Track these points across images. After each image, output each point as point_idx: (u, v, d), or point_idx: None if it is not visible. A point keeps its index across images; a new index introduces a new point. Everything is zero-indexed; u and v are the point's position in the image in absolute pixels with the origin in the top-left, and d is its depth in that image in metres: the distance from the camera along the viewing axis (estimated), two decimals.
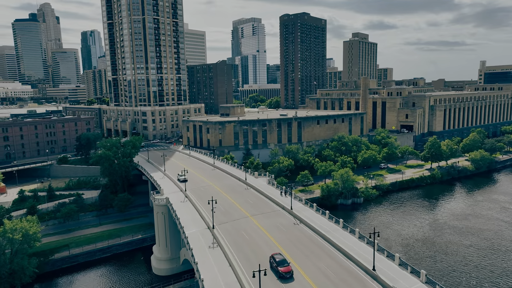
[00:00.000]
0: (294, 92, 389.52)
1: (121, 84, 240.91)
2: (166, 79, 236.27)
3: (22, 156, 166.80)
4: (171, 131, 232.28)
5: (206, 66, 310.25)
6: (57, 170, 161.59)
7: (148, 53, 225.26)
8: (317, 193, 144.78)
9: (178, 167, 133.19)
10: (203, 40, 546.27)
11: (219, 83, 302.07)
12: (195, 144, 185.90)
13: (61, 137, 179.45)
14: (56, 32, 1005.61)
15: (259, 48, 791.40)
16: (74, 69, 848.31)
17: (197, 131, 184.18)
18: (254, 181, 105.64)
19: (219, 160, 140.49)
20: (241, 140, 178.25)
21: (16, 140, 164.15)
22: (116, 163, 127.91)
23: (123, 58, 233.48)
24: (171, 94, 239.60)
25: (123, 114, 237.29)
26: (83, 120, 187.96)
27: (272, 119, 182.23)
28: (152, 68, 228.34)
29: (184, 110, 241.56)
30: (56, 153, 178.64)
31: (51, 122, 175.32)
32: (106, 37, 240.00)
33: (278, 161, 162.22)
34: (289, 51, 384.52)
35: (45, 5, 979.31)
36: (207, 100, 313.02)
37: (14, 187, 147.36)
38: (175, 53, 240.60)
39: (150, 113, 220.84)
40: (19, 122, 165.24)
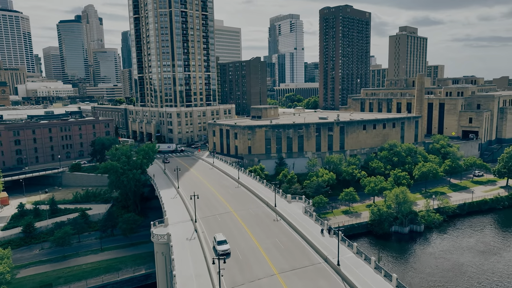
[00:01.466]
0: (334, 91, 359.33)
1: (146, 83, 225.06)
2: (194, 77, 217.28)
3: (35, 162, 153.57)
4: (197, 135, 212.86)
5: (239, 64, 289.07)
6: (69, 178, 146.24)
7: (175, 50, 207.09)
8: (364, 216, 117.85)
9: (195, 182, 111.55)
10: (238, 37, 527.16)
11: (253, 81, 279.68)
12: (221, 151, 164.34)
13: (77, 140, 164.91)
14: (98, 33, 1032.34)
15: (296, 45, 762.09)
16: (113, 69, 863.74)
17: (223, 136, 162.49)
18: (286, 208, 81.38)
19: (246, 174, 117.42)
20: (273, 147, 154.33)
21: (28, 144, 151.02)
22: (124, 176, 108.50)
23: (148, 55, 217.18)
24: (199, 94, 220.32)
25: (148, 115, 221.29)
26: (102, 122, 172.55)
27: (310, 124, 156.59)
28: (179, 65, 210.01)
29: (213, 111, 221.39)
30: (72, 158, 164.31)
31: (66, 125, 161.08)
32: (133, 33, 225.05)
33: (316, 173, 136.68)
34: (329, 47, 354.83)
35: (89, 7, 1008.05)
36: (239, 100, 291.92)
37: (20, 197, 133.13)
38: (204, 49, 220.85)
39: (176, 114, 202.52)
40: (32, 124, 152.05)
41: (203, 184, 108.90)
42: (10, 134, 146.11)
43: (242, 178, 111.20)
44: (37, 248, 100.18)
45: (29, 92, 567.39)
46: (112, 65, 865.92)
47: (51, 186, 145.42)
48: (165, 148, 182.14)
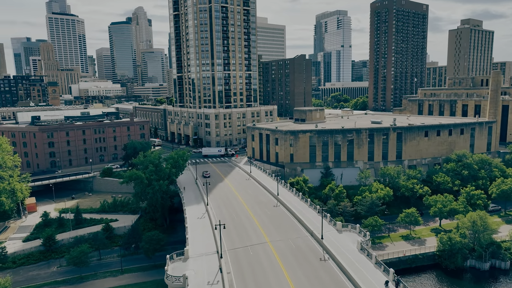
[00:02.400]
0: (385, 91, 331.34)
1: (185, 83, 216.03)
2: (234, 76, 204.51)
3: (68, 165, 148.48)
4: (236, 138, 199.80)
5: (282, 62, 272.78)
6: (100, 183, 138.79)
7: (214, 47, 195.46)
8: (430, 243, 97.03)
9: (228, 196, 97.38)
10: (282, 35, 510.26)
11: (297, 81, 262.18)
12: (260, 157, 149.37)
13: (111, 143, 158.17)
14: (147, 34, 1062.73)
15: (344, 43, 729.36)
16: (160, 69, 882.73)
17: (263, 141, 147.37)
18: (335, 241, 64.44)
19: (286, 188, 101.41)
20: (318, 155, 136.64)
21: (62, 146, 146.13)
22: (150, 188, 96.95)
23: (187, 54, 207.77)
24: (239, 95, 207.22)
25: (186, 117, 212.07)
26: (137, 124, 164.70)
27: (362, 129, 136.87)
28: (218, 64, 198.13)
29: (253, 112, 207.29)
30: (105, 161, 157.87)
31: (100, 127, 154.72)
32: (172, 31, 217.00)
33: (369, 188, 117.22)
34: (380, 43, 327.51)
35: (139, 9, 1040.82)
36: (282, 101, 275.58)
37: (49, 202, 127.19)
38: (245, 46, 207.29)
39: (214, 116, 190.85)
40: (65, 126, 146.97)
41: (237, 199, 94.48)
42: (44, 136, 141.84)
43: (282, 193, 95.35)
44: (56, 265, 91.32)
45: (81, 92, 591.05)
46: (159, 65, 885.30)
47: (82, 191, 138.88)
48: (215, 152, 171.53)
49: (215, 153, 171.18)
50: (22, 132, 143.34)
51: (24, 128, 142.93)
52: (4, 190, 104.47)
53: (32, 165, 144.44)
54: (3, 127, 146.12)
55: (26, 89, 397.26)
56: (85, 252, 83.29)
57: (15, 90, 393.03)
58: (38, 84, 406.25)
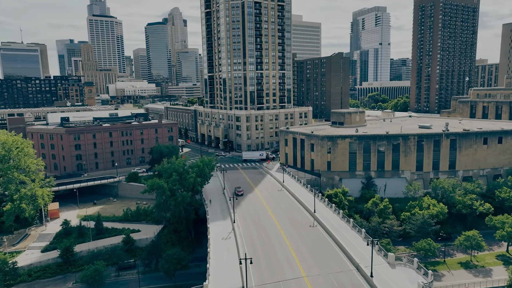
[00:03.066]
0: (430, 91, 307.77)
1: (216, 83, 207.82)
2: (266, 76, 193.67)
3: (95, 168, 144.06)
4: (268, 141, 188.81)
5: (318, 61, 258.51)
6: (125, 189, 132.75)
7: (247, 45, 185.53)
8: (497, 274, 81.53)
9: (258, 212, 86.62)
10: (318, 33, 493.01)
11: (333, 80, 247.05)
12: (294, 164, 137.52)
13: (138, 146, 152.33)
14: (182, 34, 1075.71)
15: (382, 40, 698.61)
16: (194, 68, 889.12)
17: (297, 146, 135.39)
18: (389, 281, 51.88)
19: (324, 203, 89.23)
20: (359, 163, 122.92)
21: (88, 149, 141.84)
22: (172, 199, 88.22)
23: (219, 53, 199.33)
24: (271, 95, 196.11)
25: (216, 118, 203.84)
26: (165, 126, 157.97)
27: (410, 135, 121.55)
28: (251, 63, 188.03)
29: (287, 114, 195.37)
30: (132, 165, 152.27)
31: (128, 129, 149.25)
32: (203, 29, 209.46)
33: (419, 203, 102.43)
34: (424, 39, 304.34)
35: (175, 10, 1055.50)
36: (317, 102, 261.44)
37: (73, 208, 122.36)
38: (280, 44, 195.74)
39: (245, 118, 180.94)
40: (92, 128, 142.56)
41: (267, 216, 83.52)
42: (70, 138, 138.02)
43: (319, 210, 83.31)
44: (72, 280, 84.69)
45: (118, 91, 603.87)
46: (193, 65, 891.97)
47: (107, 196, 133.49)
48: (257, 156, 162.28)
49: (257, 157, 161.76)
50: (50, 134, 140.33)
51: (51, 129, 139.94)
52: (25, 195, 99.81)
53: (59, 168, 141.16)
54: (32, 128, 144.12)
55: (65, 89, 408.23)
56: (99, 271, 75.59)
57: (54, 90, 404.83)
58: (76, 84, 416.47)
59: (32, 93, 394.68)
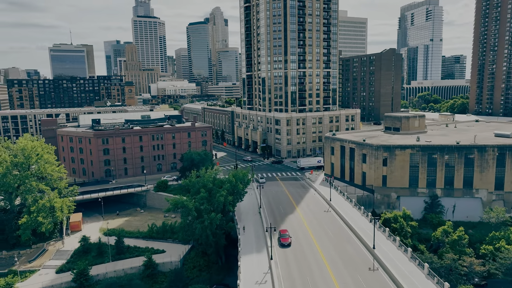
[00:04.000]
0: (493, 91, 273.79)
1: (255, 83, 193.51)
2: (310, 75, 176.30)
3: (124, 174, 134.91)
4: (311, 148, 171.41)
5: (366, 58, 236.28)
6: (153, 198, 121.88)
7: (288, 41, 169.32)
8: None
9: (301, 242, 70.56)
10: (363, 29, 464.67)
11: (383, 79, 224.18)
12: (341, 176, 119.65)
13: (170, 151, 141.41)
14: (223, 33, 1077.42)
15: (433, 36, 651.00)
16: (234, 68, 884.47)
17: (346, 156, 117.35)
18: None
19: (385, 234, 71.34)
20: (422, 179, 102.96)
21: (117, 153, 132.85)
22: (198, 222, 74.61)
23: (258, 50, 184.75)
24: (315, 96, 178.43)
25: (254, 120, 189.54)
26: (198, 129, 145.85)
27: (488, 146, 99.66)
28: (292, 61, 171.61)
29: (332, 117, 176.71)
30: (163, 171, 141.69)
31: (159, 133, 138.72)
32: (242, 25, 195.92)
33: (505, 234, 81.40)
34: (489, 33, 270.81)
35: (216, 9, 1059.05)
36: (364, 103, 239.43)
37: (97, 219, 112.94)
38: (325, 40, 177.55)
39: (285, 121, 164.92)
40: (121, 131, 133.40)
41: (313, 248, 67.34)
42: (99, 142, 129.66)
43: (380, 245, 65.73)
44: None
45: (159, 91, 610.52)
46: (233, 64, 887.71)
47: (135, 205, 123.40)
48: (314, 163, 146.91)
49: (314, 164, 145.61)
50: (79, 137, 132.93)
51: (80, 132, 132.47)
52: (44, 207, 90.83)
53: (87, 173, 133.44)
54: (62, 130, 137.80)
55: (107, 88, 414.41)
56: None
57: (97, 89, 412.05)
58: (118, 83, 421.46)
59: (76, 92, 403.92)
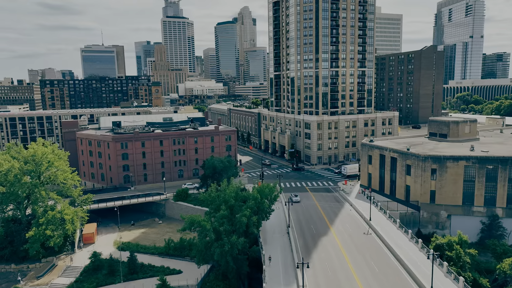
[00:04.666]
0: None
1: (283, 83, 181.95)
2: (343, 75, 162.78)
3: (143, 180, 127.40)
4: (344, 154, 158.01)
5: (404, 56, 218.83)
6: (173, 208, 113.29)
7: (320, 38, 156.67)
8: None
9: (338, 277, 58.63)
10: (398, 26, 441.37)
11: (423, 79, 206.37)
12: (380, 189, 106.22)
13: (192, 156, 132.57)
14: (251, 33, 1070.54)
15: (473, 33, 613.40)
16: (261, 67, 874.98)
17: (386, 166, 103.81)
18: None
19: (442, 270, 58.21)
20: (478, 196, 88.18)
21: (137, 159, 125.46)
22: (217, 245, 64.36)
23: (287, 48, 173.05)
24: (348, 98, 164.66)
25: (282, 123, 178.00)
26: (222, 133, 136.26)
27: None
28: (324, 59, 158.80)
29: (367, 121, 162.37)
30: (185, 177, 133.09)
31: (180, 136, 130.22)
32: (271, 22, 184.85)
33: None
34: None
35: (244, 9, 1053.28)
36: (401, 104, 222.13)
37: (113, 229, 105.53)
38: (360, 36, 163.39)
39: (316, 124, 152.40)
40: (141, 135, 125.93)
41: (352, 282, 55.31)
42: (117, 146, 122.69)
43: (438, 283, 52.86)
44: None
45: (187, 91, 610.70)
46: (260, 64, 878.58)
47: (153, 215, 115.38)
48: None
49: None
50: (97, 141, 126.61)
51: (99, 136, 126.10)
52: (54, 219, 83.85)
53: (106, 179, 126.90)
54: (81, 133, 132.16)
55: (135, 88, 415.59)
56: None
57: (125, 89, 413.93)
58: (146, 84, 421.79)
59: (105, 92, 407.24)
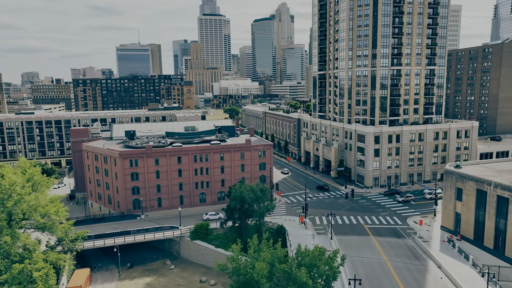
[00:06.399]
0: None
1: (329, 85, 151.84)
2: (406, 74, 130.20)
3: (157, 206, 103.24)
4: (408, 173, 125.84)
5: (477, 51, 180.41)
6: (189, 248, 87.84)
7: (379, 29, 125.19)
8: None
9: None
10: (456, 19, 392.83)
11: (504, 79, 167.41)
12: (475, 238, 74.49)
13: (217, 176, 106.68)
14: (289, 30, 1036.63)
15: None
16: (299, 65, 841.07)
17: (488, 208, 71.80)
18: None
19: None
20: None
21: (149, 179, 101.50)
22: None
23: (335, 43, 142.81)
24: (412, 103, 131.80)
25: (328, 133, 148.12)
26: (254, 148, 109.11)
27: None
28: (384, 55, 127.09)
29: (438, 133, 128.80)
30: (208, 203, 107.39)
31: (202, 152, 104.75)
32: (316, 11, 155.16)
33: None
34: None
35: (282, 5, 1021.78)
36: (471, 110, 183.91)
37: (112, 275, 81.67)
38: (429, 26, 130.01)
39: (373, 137, 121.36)
40: (154, 150, 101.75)
41: None
42: (125, 164, 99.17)
43: None
44: None
45: (221, 90, 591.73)
46: (298, 62, 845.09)
47: (164, 254, 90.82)
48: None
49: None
50: (104, 156, 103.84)
51: (105, 150, 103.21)
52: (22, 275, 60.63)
53: (113, 202, 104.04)
54: (88, 145, 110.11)
55: (167, 88, 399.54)
56: None
57: (158, 89, 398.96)
58: (178, 83, 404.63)
59: (137, 92, 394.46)
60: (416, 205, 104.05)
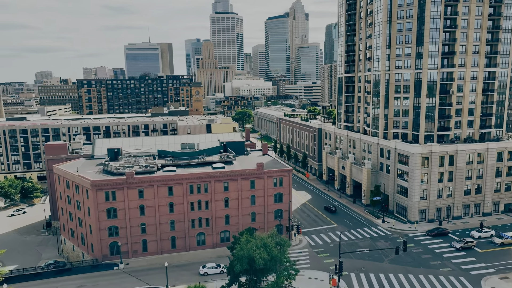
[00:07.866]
0: None
1: (358, 90, 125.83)
2: (460, 78, 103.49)
3: (141, 250, 78.81)
4: (463, 204, 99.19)
5: None
6: None
7: (426, 24, 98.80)
8: None
9: None
10: None
11: None
12: None
13: (220, 211, 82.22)
14: (303, 29, 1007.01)
15: None
16: (314, 65, 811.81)
17: None
18: None
19: None
20: None
21: (132, 216, 77.80)
22: None
23: (367, 39, 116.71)
24: (466, 114, 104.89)
25: (357, 149, 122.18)
26: (268, 176, 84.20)
27: None
28: (432, 54, 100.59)
29: (502, 152, 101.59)
30: (208, 245, 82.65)
31: (200, 180, 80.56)
32: (343, 2, 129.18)
33: None
34: None
35: (297, 3, 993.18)
36: None
37: None
38: (490, 17, 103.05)
39: (419, 158, 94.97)
40: (138, 179, 77.82)
41: None
42: (100, 198, 75.73)
43: None
44: None
45: (233, 90, 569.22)
46: (313, 61, 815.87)
47: None
48: None
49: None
50: (76, 185, 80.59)
51: (76, 177, 79.84)
52: None
53: (86, 244, 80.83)
54: (59, 169, 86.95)
55: (175, 89, 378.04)
56: None
57: (166, 90, 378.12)
58: (187, 84, 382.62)
59: (144, 93, 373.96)
60: (485, 255, 77.67)
